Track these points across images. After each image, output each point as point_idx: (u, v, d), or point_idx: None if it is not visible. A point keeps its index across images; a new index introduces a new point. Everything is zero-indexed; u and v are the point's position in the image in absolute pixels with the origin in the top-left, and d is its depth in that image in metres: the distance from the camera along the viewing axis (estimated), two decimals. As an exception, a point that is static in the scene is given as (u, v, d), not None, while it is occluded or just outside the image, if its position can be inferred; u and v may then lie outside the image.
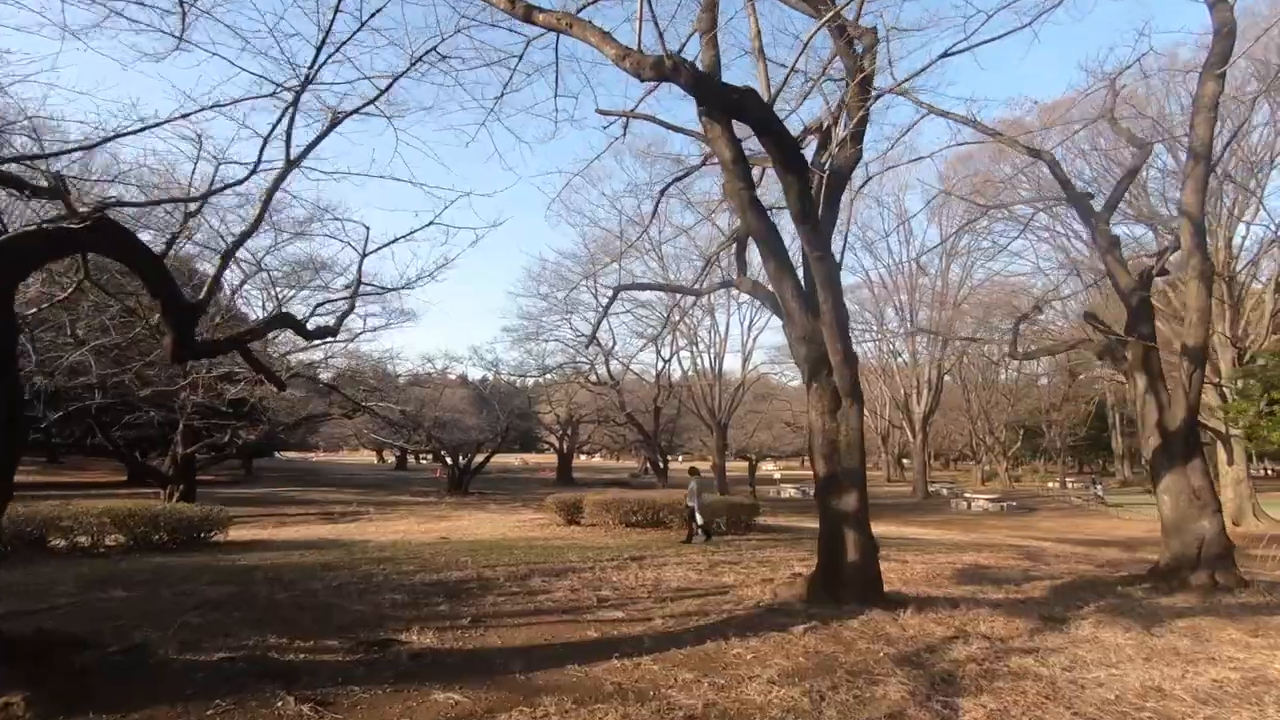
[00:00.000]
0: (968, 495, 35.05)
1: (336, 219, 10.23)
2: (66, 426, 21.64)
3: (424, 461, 62.79)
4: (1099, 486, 38.48)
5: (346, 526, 18.37)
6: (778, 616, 6.43)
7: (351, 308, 9.93)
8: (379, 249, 10.74)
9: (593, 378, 34.68)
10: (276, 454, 66.11)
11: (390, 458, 68.15)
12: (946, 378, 44.15)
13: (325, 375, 29.48)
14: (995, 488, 47.86)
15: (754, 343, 36.63)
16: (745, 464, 47.79)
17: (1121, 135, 11.36)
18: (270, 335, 22.72)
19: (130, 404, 18.47)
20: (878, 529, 21.27)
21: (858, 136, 7.36)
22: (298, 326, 7.50)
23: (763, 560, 11.28)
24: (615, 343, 32.79)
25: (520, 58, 8.07)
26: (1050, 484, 54.30)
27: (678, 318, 29.37)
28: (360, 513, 23.20)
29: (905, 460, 69.56)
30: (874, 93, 6.89)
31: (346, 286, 9.86)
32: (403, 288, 10.19)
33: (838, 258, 7.38)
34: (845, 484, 6.87)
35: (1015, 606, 7.22)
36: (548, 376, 37.49)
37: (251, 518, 21.10)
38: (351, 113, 6.85)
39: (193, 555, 11.52)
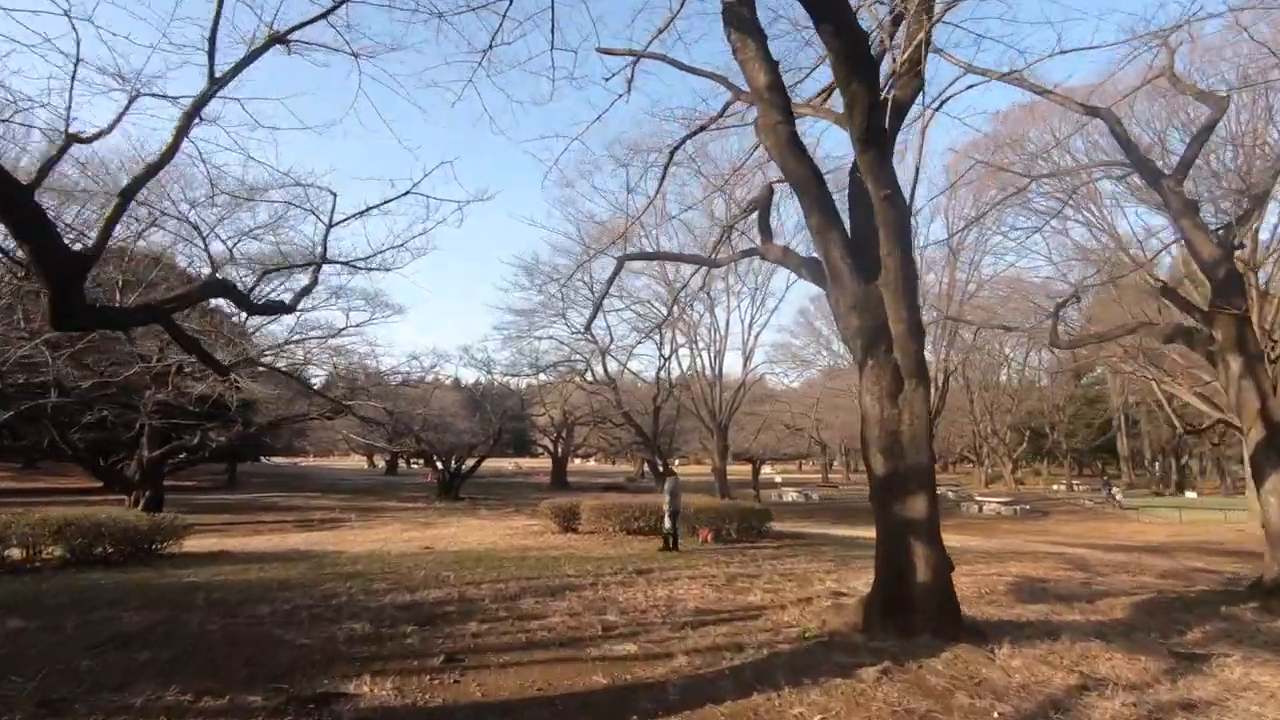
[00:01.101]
0: (978, 498, 33.80)
1: (299, 184, 8.84)
2: (30, 427, 20.13)
3: (415, 466, 61.18)
4: (1114, 489, 37.28)
5: (323, 535, 16.92)
6: (834, 653, 5.08)
7: (314, 283, 8.55)
8: (348, 219, 9.43)
9: (589, 377, 33.25)
10: (263, 459, 64.56)
11: (381, 462, 66.40)
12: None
13: (318, 376, 28.08)
14: (1001, 490, 46.66)
15: (755, 341, 35.20)
16: (743, 467, 46.54)
17: (1187, 92, 10.13)
18: (246, 324, 21.26)
19: (87, 402, 16.97)
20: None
21: (914, 66, 6.05)
22: (237, 296, 6.13)
23: (786, 573, 9.94)
24: (612, 339, 31.43)
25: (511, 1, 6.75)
26: (1055, 486, 53.17)
27: (678, 313, 28.13)
28: (341, 520, 21.73)
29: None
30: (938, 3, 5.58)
31: (309, 264, 8.48)
32: (372, 262, 8.79)
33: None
34: (911, 485, 5.55)
35: (1117, 635, 5.90)
36: (542, 376, 36.04)
37: (223, 526, 19.61)
38: (293, 29, 5.49)
39: (137, 571, 10.07)
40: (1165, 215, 25.16)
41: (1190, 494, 43.74)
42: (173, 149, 4.86)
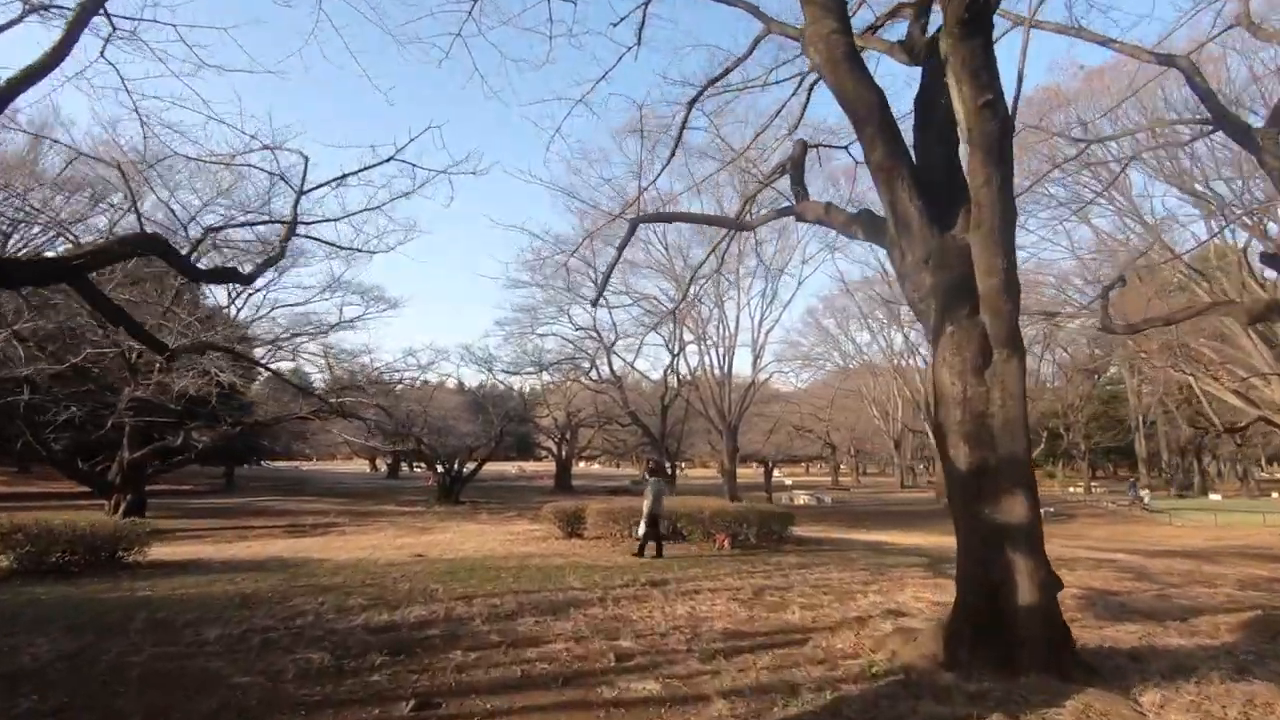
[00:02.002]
0: (999, 501, 32.52)
1: (267, 147, 7.75)
2: (13, 427, 19.07)
3: (419, 470, 60.10)
4: (1141, 490, 35.90)
5: (311, 541, 15.81)
6: (918, 699, 3.93)
7: (281, 253, 7.46)
8: (321, 186, 8.35)
9: (593, 375, 32.12)
10: (263, 463, 63.51)
11: (383, 466, 65.32)
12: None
13: (315, 375, 26.95)
14: (1018, 493, 45.33)
15: (766, 338, 34.02)
16: (747, 470, 45.32)
17: (1270, 39, 8.96)
18: (237, 316, 20.13)
19: (60, 399, 15.89)
20: (915, 538, 18.69)
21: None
22: (175, 258, 5.02)
23: (820, 585, 8.77)
24: (617, 336, 30.35)
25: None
26: (1071, 489, 51.75)
27: (694, 293, 26.95)
28: (334, 525, 20.63)
29: (916, 466, 67.10)
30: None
31: (260, 221, 7.39)
32: (357, 241, 7.70)
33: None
34: (1004, 482, 4.40)
35: (1257, 666, 4.72)
36: (545, 375, 34.93)
37: (208, 531, 18.53)
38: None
39: (90, 584, 8.96)
40: (1195, 203, 23.97)
41: (1214, 496, 42.36)
42: (62, 48, 3.76)
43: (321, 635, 5.73)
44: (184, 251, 5.38)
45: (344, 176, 8.34)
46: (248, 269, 7.69)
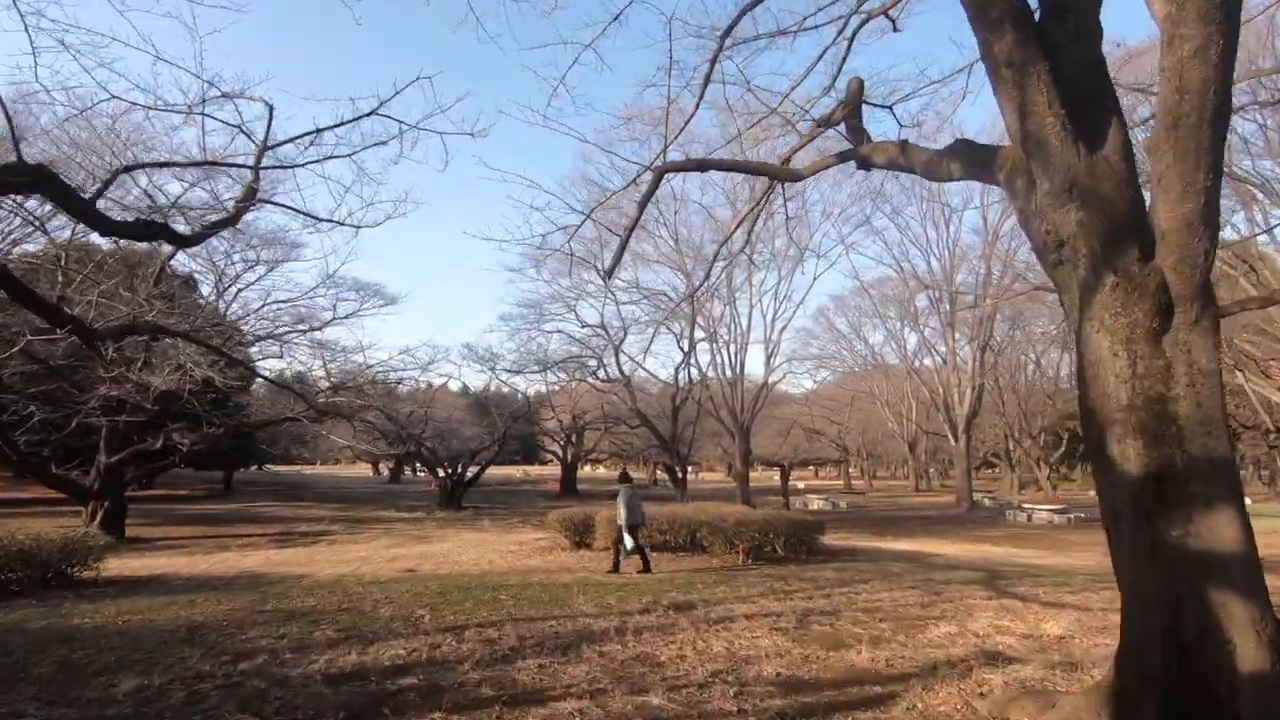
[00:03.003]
0: (1025, 505, 31.08)
1: (227, 95, 6.53)
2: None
3: (422, 474, 58.89)
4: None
5: (296, 553, 14.57)
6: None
7: (238, 214, 6.26)
8: (289, 141, 7.17)
9: (601, 375, 30.87)
10: (265, 467, 62.38)
11: (385, 470, 64.15)
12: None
13: (319, 379, 25.73)
14: (1038, 497, 43.87)
15: (780, 336, 32.65)
16: (756, 474, 43.92)
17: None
18: (226, 310, 18.87)
19: (23, 395, 14.71)
20: (948, 547, 17.21)
21: None
22: (63, 194, 3.79)
23: (871, 608, 7.47)
24: (626, 333, 29.11)
25: None
26: (1091, 491, 50.23)
27: (717, 274, 25.69)
28: (327, 533, 19.40)
29: (931, 469, 65.56)
30: None
31: (200, 163, 6.19)
32: (338, 214, 6.48)
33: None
34: (1198, 491, 3.12)
35: None
36: (550, 375, 33.70)
37: (190, 540, 17.35)
38: None
39: (24, 607, 7.72)
40: (1233, 186, 22.52)
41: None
42: None
43: (266, 688, 4.47)
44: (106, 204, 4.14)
45: (319, 131, 7.14)
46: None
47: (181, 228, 7.87)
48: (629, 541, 10.07)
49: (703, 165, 5.45)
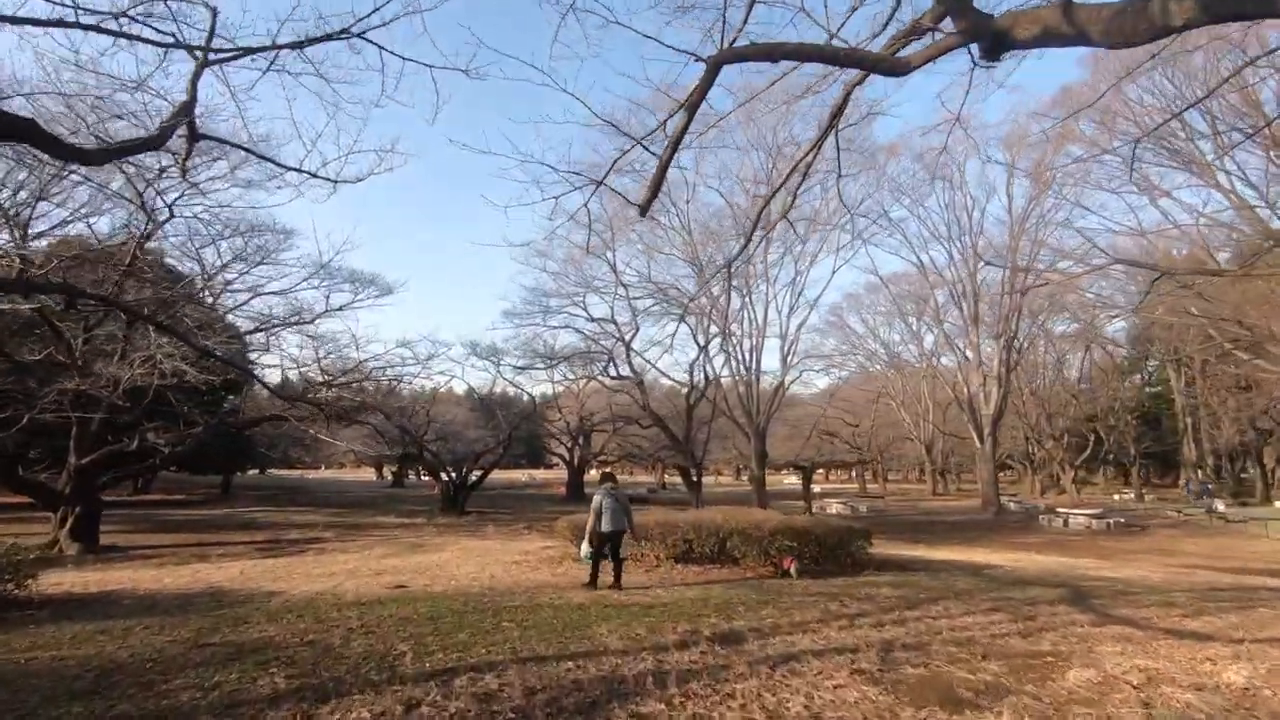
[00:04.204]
0: (1060, 511, 29.40)
1: (159, -1, 5.16)
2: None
3: (425, 478, 57.44)
4: (1214, 499, 32.56)
5: (278, 563, 13.12)
6: None
7: (165, 133, 4.84)
8: (237, 55, 5.79)
9: (610, 372, 29.41)
10: (267, 471, 61.07)
11: (389, 473, 62.75)
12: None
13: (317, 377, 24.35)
14: (1062, 500, 42.12)
15: (797, 332, 31.18)
16: (771, 477, 42.30)
17: None
18: (215, 300, 17.44)
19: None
20: (994, 555, 15.59)
21: None
22: None
23: (961, 639, 5.96)
24: (637, 328, 27.66)
25: None
26: (1116, 495, 48.34)
27: (752, 250, 24.33)
28: (318, 540, 17.97)
29: (946, 472, 63.69)
30: None
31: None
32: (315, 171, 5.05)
33: None
34: None
35: None
36: (557, 373, 32.26)
37: (168, 549, 15.92)
38: None
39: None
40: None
41: (1277, 504, 38.99)
42: None
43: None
44: None
45: (276, 48, 5.74)
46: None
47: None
48: (585, 548, 9.12)
49: (772, 53, 3.98)
